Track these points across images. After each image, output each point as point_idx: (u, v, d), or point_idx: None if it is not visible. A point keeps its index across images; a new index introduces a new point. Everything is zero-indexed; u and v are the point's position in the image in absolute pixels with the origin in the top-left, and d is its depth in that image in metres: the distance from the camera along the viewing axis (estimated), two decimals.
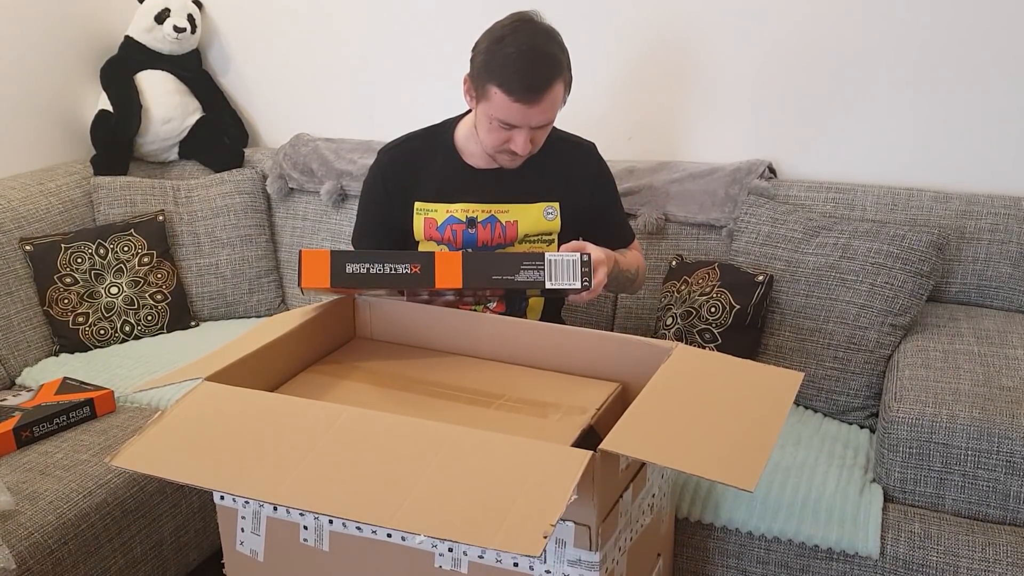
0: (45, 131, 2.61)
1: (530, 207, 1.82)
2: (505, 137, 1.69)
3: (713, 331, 1.94)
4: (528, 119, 1.65)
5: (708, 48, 2.24)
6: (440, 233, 1.82)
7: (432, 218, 1.82)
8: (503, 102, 1.62)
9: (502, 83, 1.61)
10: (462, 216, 1.81)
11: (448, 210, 1.81)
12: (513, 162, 1.76)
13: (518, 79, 1.60)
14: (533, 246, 1.84)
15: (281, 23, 2.67)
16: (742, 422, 1.22)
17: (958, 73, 2.06)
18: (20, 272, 2.31)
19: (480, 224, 1.81)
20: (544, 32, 1.67)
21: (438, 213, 1.82)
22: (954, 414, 1.56)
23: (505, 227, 1.81)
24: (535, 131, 1.69)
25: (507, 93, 1.61)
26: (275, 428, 1.19)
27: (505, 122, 1.65)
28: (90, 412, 1.92)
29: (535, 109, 1.63)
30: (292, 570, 1.33)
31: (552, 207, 1.82)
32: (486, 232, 1.81)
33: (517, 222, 1.81)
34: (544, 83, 1.61)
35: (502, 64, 1.61)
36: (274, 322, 1.56)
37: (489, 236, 1.82)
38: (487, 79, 1.64)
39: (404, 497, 1.04)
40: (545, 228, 1.83)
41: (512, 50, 1.61)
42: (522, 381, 1.47)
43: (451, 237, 1.82)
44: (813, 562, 1.62)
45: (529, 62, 1.61)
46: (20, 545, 1.56)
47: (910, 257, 1.90)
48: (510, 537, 0.96)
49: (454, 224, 1.81)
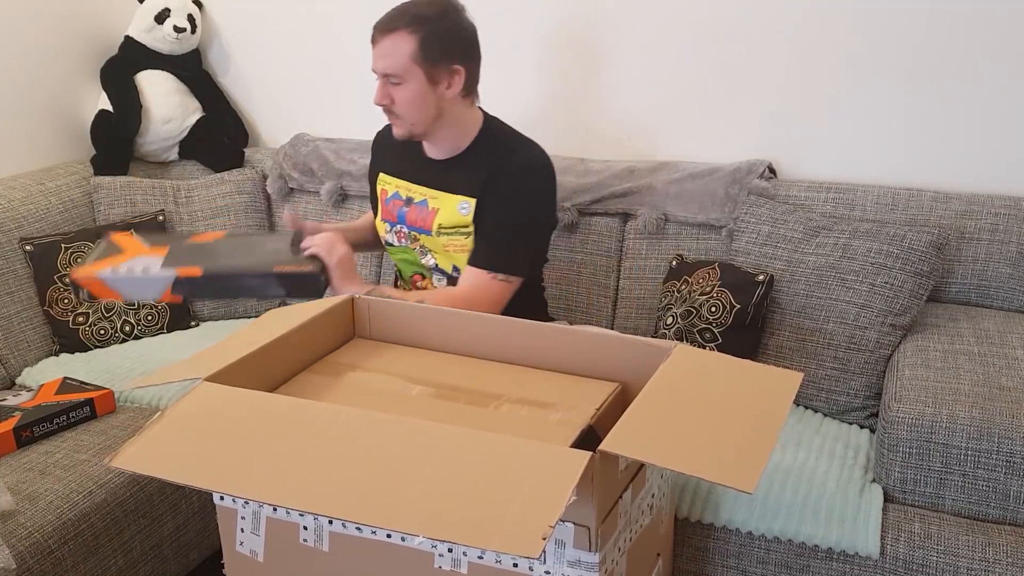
0: (45, 131, 2.61)
1: (450, 197, 1.86)
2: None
3: (713, 330, 1.94)
4: (374, 62, 1.76)
5: (708, 48, 2.24)
6: (386, 205, 1.96)
7: (385, 190, 1.97)
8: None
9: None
10: (404, 194, 1.93)
11: (396, 186, 1.94)
12: (394, 127, 1.83)
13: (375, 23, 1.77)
14: (451, 239, 1.86)
15: (281, 23, 2.67)
16: (742, 422, 1.22)
17: (958, 73, 2.05)
18: (20, 272, 2.31)
19: (415, 204, 1.90)
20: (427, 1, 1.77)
21: (389, 186, 1.96)
22: (954, 414, 1.56)
23: (428, 213, 1.88)
24: (390, 86, 1.76)
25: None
26: (274, 429, 1.19)
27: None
28: (90, 412, 1.92)
29: (376, 50, 1.75)
30: (292, 570, 1.33)
31: (467, 202, 1.84)
32: (413, 212, 1.91)
33: (437, 211, 1.87)
34: (384, 25, 1.74)
35: None
36: (273, 320, 1.56)
37: (415, 217, 1.90)
38: None
39: (403, 498, 1.04)
40: (458, 221, 1.86)
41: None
42: (521, 381, 1.47)
43: (390, 212, 1.95)
44: (813, 562, 1.62)
45: (390, 10, 1.76)
46: (20, 545, 1.56)
47: (910, 257, 1.90)
48: (508, 538, 0.96)
49: (396, 200, 1.94)
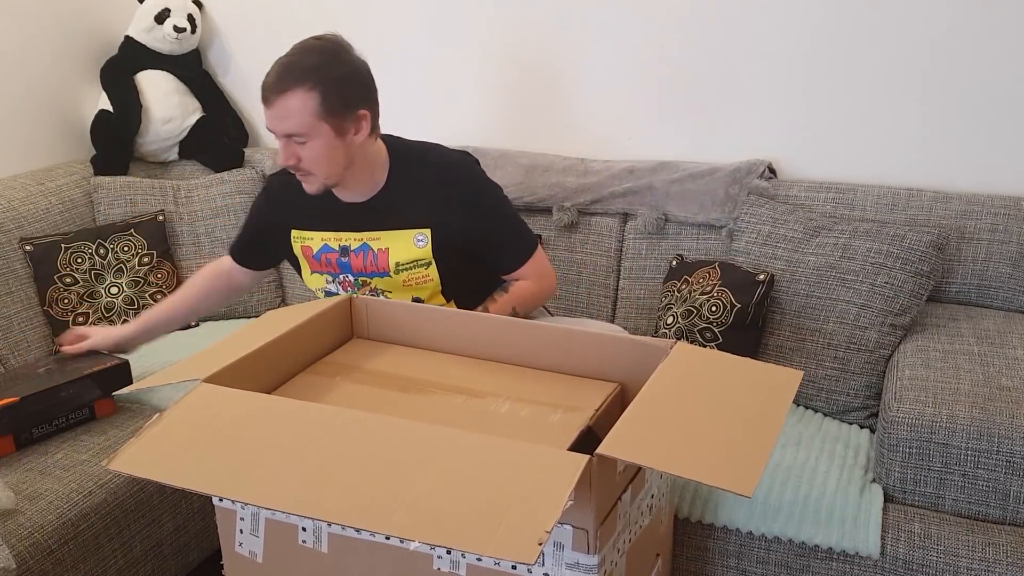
0: (45, 131, 2.61)
1: (400, 234, 1.78)
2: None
3: (714, 330, 1.94)
4: (272, 123, 1.66)
5: (708, 48, 2.24)
6: (317, 260, 1.84)
7: (308, 246, 1.84)
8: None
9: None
10: (335, 244, 1.81)
11: (323, 238, 1.82)
12: (305, 184, 1.73)
13: (264, 82, 1.66)
14: (410, 273, 1.79)
15: (281, 23, 2.67)
16: (741, 422, 1.22)
17: (958, 73, 2.05)
18: (20, 272, 2.31)
19: (352, 252, 1.80)
20: (309, 46, 1.68)
21: (313, 241, 1.83)
22: (954, 414, 1.56)
23: (377, 255, 1.79)
24: (295, 145, 1.66)
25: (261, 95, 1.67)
26: (272, 431, 1.19)
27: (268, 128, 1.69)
28: (89, 414, 1.92)
29: (271, 112, 1.65)
30: (291, 571, 1.33)
31: (422, 234, 1.77)
32: (358, 260, 1.80)
33: (388, 250, 1.78)
34: (276, 85, 1.63)
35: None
36: (272, 320, 1.56)
37: (362, 264, 1.80)
38: None
39: (400, 502, 1.03)
40: (416, 255, 1.78)
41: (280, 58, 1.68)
42: (520, 381, 1.47)
43: (327, 264, 1.83)
44: (813, 562, 1.62)
45: (275, 67, 1.65)
46: (20, 545, 1.56)
47: (910, 257, 1.90)
48: (505, 544, 0.96)
49: (327, 252, 1.82)
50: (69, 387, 1.86)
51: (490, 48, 2.46)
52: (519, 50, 2.42)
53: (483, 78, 2.48)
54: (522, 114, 2.48)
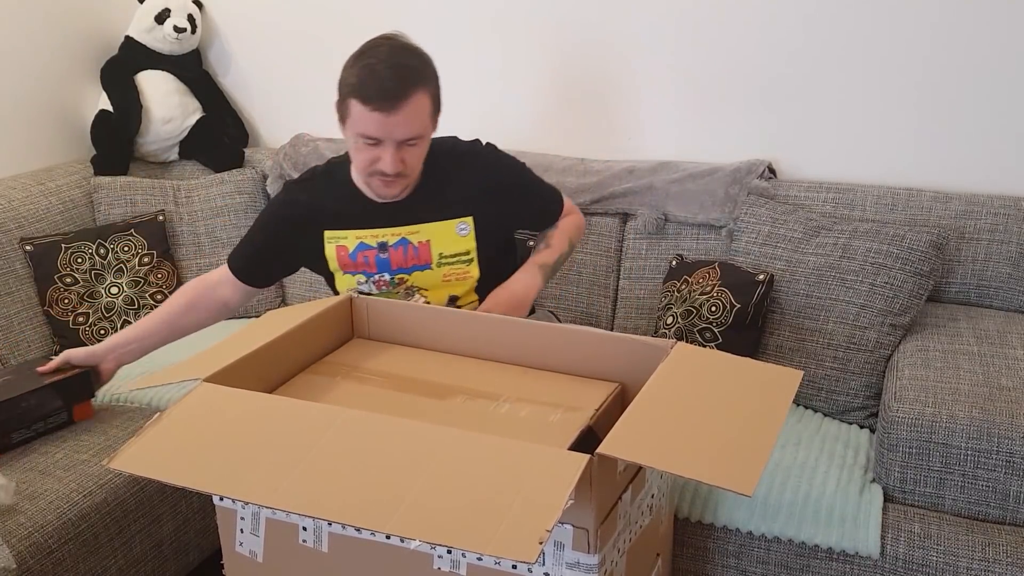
0: (45, 131, 2.61)
1: (441, 225, 1.77)
2: (373, 156, 1.64)
3: (714, 330, 1.94)
4: (390, 131, 1.60)
5: (708, 48, 2.24)
6: (353, 260, 1.80)
7: (344, 245, 1.80)
8: (361, 113, 1.59)
9: (359, 93, 1.59)
10: (372, 241, 1.78)
11: (358, 236, 1.78)
12: (387, 187, 1.70)
13: (374, 87, 1.58)
14: (452, 268, 1.78)
15: (281, 23, 2.67)
16: (741, 422, 1.22)
17: (958, 73, 2.05)
18: (20, 272, 2.31)
19: (392, 247, 1.77)
20: (404, 46, 1.64)
21: (348, 240, 1.79)
22: (954, 414, 1.56)
23: (418, 248, 1.77)
24: (405, 149, 1.63)
25: (364, 102, 1.58)
26: (272, 431, 1.19)
27: (368, 136, 1.61)
28: (67, 418, 1.89)
29: (394, 118, 1.59)
30: (291, 571, 1.33)
31: (465, 223, 1.77)
32: (398, 254, 1.78)
33: (430, 242, 1.77)
34: (401, 89, 1.58)
35: (359, 75, 1.60)
36: (272, 320, 1.56)
37: (402, 258, 1.78)
38: (347, 93, 1.62)
39: (400, 501, 1.04)
40: (461, 247, 1.78)
41: (370, 61, 1.60)
42: (521, 381, 1.47)
43: (364, 263, 1.79)
44: (813, 562, 1.62)
45: (385, 70, 1.58)
46: (20, 545, 1.56)
47: (910, 257, 1.90)
48: (505, 543, 0.96)
49: (365, 250, 1.79)
50: (30, 397, 1.81)
51: (489, 48, 2.46)
52: (518, 50, 2.42)
53: (482, 78, 2.48)
54: (522, 114, 2.48)
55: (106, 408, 2.01)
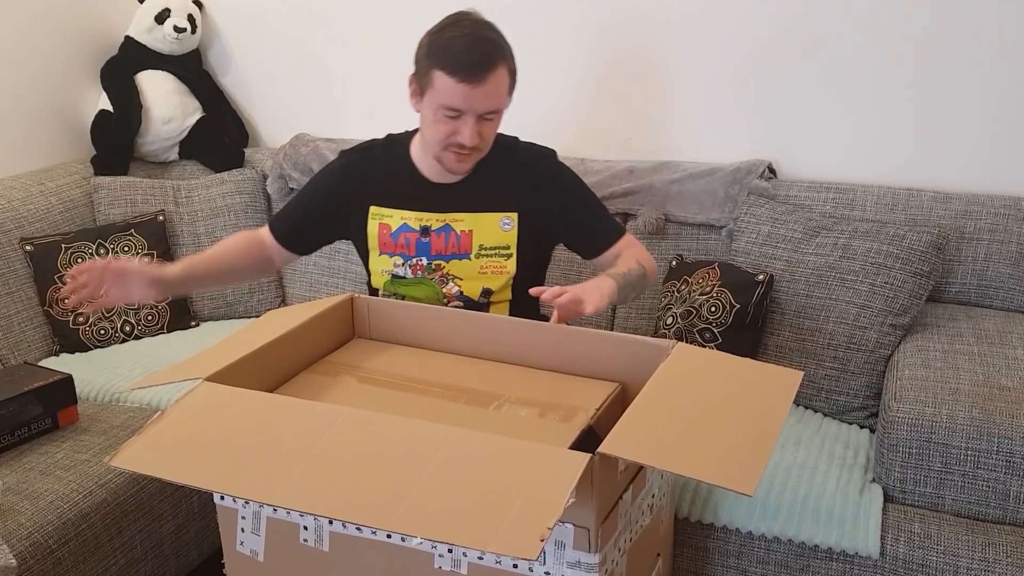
0: (45, 131, 2.61)
1: (485, 216, 1.76)
2: (451, 129, 1.63)
3: (713, 330, 1.94)
4: (473, 102, 1.60)
5: (708, 48, 2.24)
6: (394, 240, 1.78)
7: (386, 223, 1.78)
8: (447, 84, 1.59)
9: (445, 64, 1.59)
10: (415, 224, 1.77)
11: (403, 217, 1.77)
12: (460, 162, 1.69)
13: (462, 57, 1.58)
14: (490, 260, 1.77)
15: (281, 23, 2.67)
16: (742, 422, 1.22)
17: (958, 73, 2.05)
18: (20, 272, 2.31)
19: (434, 232, 1.76)
20: (485, 23, 1.66)
21: (392, 219, 1.78)
22: (954, 414, 1.56)
23: (460, 237, 1.76)
24: (482, 123, 1.64)
25: (450, 73, 1.58)
26: (274, 429, 1.19)
27: (450, 107, 1.61)
28: (52, 424, 1.88)
29: (479, 90, 1.59)
30: (292, 570, 1.33)
31: (509, 217, 1.76)
32: (439, 241, 1.76)
33: (472, 232, 1.76)
34: (487, 61, 1.59)
35: (444, 47, 1.60)
36: (273, 320, 1.56)
37: (443, 245, 1.76)
38: (430, 65, 1.61)
39: (402, 499, 1.04)
40: (502, 240, 1.76)
41: (455, 34, 1.60)
42: (521, 381, 1.47)
43: (404, 245, 1.78)
44: (813, 562, 1.62)
45: (471, 43, 1.59)
46: (20, 545, 1.56)
47: (910, 257, 1.90)
48: (507, 540, 0.96)
49: (407, 232, 1.77)
50: (9, 404, 1.79)
51: None
52: (518, 49, 2.42)
53: None
54: (522, 114, 2.48)
55: (106, 408, 2.01)
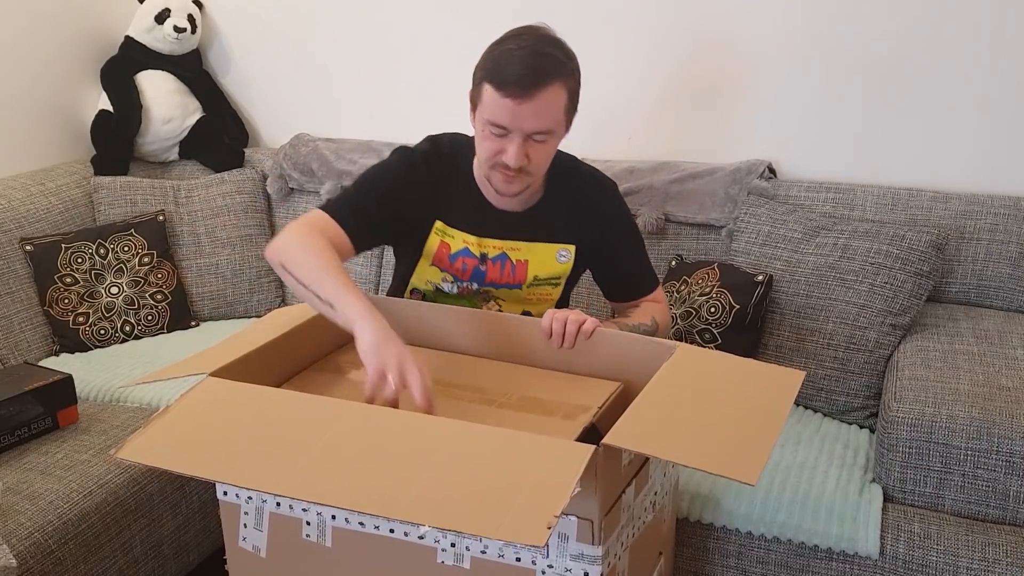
0: (45, 131, 2.61)
1: (543, 247, 1.69)
2: (498, 147, 1.54)
3: (713, 331, 1.95)
4: (519, 120, 1.50)
5: (708, 48, 2.25)
6: (451, 261, 1.69)
7: (447, 243, 1.68)
8: (492, 99, 1.51)
9: (494, 77, 1.51)
10: (476, 251, 1.67)
11: (465, 240, 1.67)
12: (507, 183, 1.58)
13: (510, 71, 1.49)
14: (539, 289, 1.72)
15: (281, 23, 2.67)
16: (744, 419, 1.22)
17: (958, 73, 2.06)
18: (20, 272, 2.30)
19: (491, 260, 1.68)
20: (548, 38, 1.55)
21: (454, 240, 1.68)
22: (954, 414, 1.56)
23: (515, 266, 1.68)
24: (531, 144, 1.53)
25: (497, 87, 1.50)
26: (280, 422, 1.19)
27: (496, 123, 1.52)
28: (52, 424, 1.88)
29: (526, 107, 1.49)
30: (295, 565, 1.33)
31: (567, 249, 1.70)
32: (495, 269, 1.68)
33: (527, 262, 1.69)
34: (538, 77, 1.48)
35: (496, 59, 1.52)
36: (276, 319, 1.56)
37: (498, 274, 1.69)
38: (481, 78, 1.54)
39: (408, 489, 1.04)
40: (555, 271, 1.71)
41: (511, 46, 1.52)
42: (524, 380, 1.47)
43: (460, 269, 1.69)
44: (813, 562, 1.62)
45: (525, 56, 1.49)
46: (20, 545, 1.56)
47: (910, 257, 1.90)
48: (514, 528, 0.96)
49: (466, 257, 1.68)
50: (9, 404, 1.79)
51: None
52: None
53: None
54: None
55: (106, 408, 2.01)
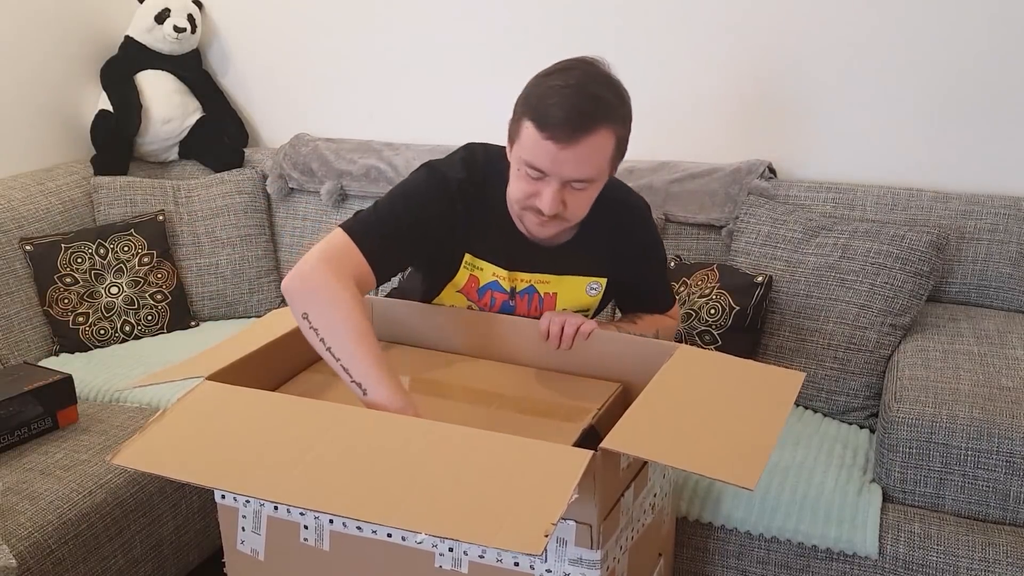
0: (45, 131, 2.61)
1: (573, 280, 1.60)
2: (533, 190, 1.42)
3: (713, 332, 1.94)
4: (559, 166, 1.37)
5: (708, 48, 2.24)
6: (479, 296, 1.60)
7: (476, 276, 1.58)
8: (532, 138, 1.37)
9: (536, 116, 1.37)
10: (506, 285, 1.58)
11: (495, 274, 1.57)
12: (541, 228, 1.47)
13: (555, 111, 1.35)
14: None
15: (281, 23, 2.67)
16: (743, 422, 1.22)
17: (958, 73, 2.06)
18: (20, 272, 2.30)
19: (519, 295, 1.60)
20: (601, 75, 1.41)
21: (484, 273, 1.58)
22: (954, 414, 1.56)
23: (543, 299, 1.60)
24: (569, 191, 1.41)
25: (538, 127, 1.36)
26: (276, 427, 1.19)
27: (533, 166, 1.39)
28: (52, 424, 1.88)
29: (568, 153, 1.36)
30: (292, 569, 1.33)
31: (597, 283, 1.61)
32: (523, 304, 1.60)
33: (556, 295, 1.60)
34: (585, 121, 1.35)
35: (541, 95, 1.38)
36: (275, 320, 1.56)
37: (526, 308, 1.61)
38: (522, 113, 1.40)
39: (405, 496, 1.04)
40: (584, 304, 1.63)
41: (558, 83, 1.38)
42: (523, 381, 1.47)
43: (488, 303, 1.60)
44: (813, 562, 1.62)
45: (572, 95, 1.35)
46: (20, 545, 1.56)
47: (910, 257, 1.90)
48: (511, 536, 0.96)
49: (495, 291, 1.59)
50: (9, 404, 1.79)
51: (487, 46, 2.46)
52: (518, 49, 2.43)
53: (481, 78, 2.48)
54: None
55: (106, 408, 2.01)
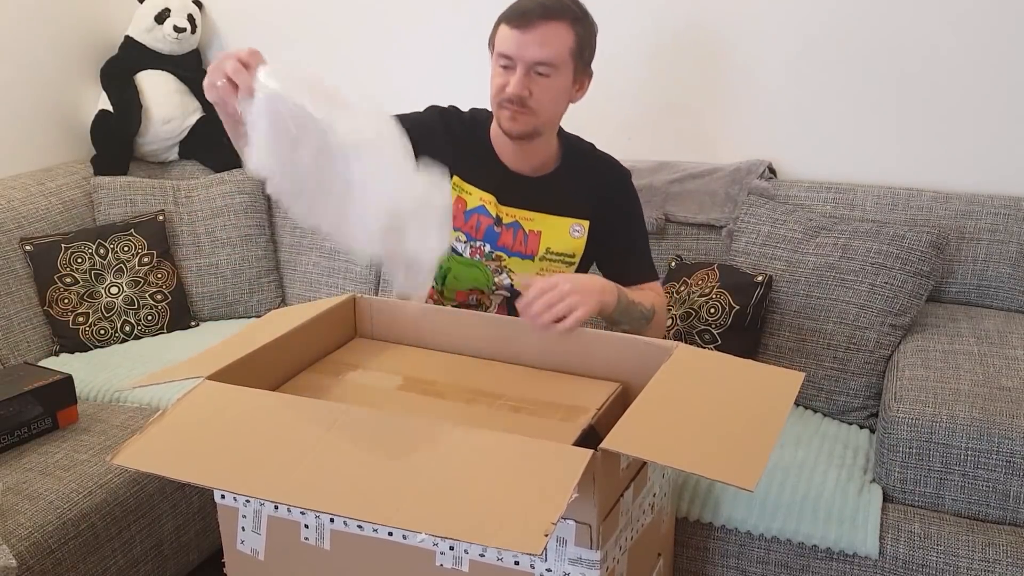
0: (45, 131, 2.61)
1: (557, 220, 1.74)
2: (504, 80, 1.64)
3: (713, 332, 1.94)
4: (523, 49, 1.60)
5: (707, 48, 2.24)
6: (466, 218, 1.73)
7: (463, 199, 1.73)
8: (502, 33, 1.63)
9: (507, 15, 1.63)
10: (493, 211, 1.73)
11: (482, 199, 1.73)
12: (512, 121, 1.65)
13: (518, 7, 1.63)
14: (552, 264, 1.74)
15: (281, 23, 2.67)
16: (743, 422, 1.22)
17: (958, 73, 2.06)
18: (20, 272, 2.31)
19: (506, 226, 1.73)
20: None
21: (471, 197, 1.73)
22: (954, 414, 1.56)
23: (528, 236, 1.73)
24: (534, 77, 1.62)
25: (506, 22, 1.63)
26: (276, 427, 1.19)
27: (502, 53, 1.63)
28: (52, 424, 1.87)
29: (528, 36, 1.59)
30: (293, 569, 1.33)
31: (580, 225, 1.74)
32: (508, 235, 1.73)
33: (540, 233, 1.73)
34: (543, 12, 1.60)
35: (514, 4, 1.65)
36: (274, 319, 1.56)
37: (511, 240, 1.73)
38: (498, 22, 1.65)
39: (405, 495, 1.04)
40: (569, 247, 1.75)
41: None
42: (522, 381, 1.47)
43: (475, 227, 1.73)
44: (813, 562, 1.62)
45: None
46: (20, 545, 1.56)
47: (910, 257, 1.90)
48: (511, 536, 0.96)
49: (482, 215, 1.73)
50: (9, 404, 1.78)
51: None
52: None
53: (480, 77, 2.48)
54: None
55: (106, 408, 2.01)
